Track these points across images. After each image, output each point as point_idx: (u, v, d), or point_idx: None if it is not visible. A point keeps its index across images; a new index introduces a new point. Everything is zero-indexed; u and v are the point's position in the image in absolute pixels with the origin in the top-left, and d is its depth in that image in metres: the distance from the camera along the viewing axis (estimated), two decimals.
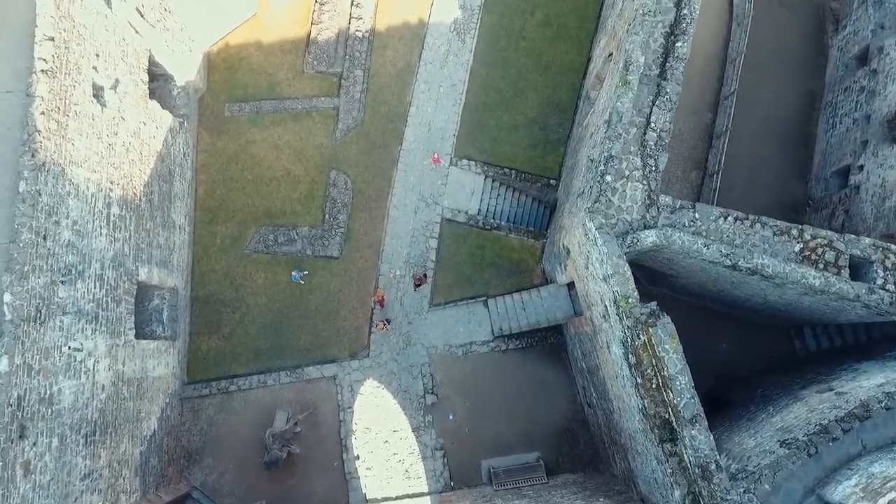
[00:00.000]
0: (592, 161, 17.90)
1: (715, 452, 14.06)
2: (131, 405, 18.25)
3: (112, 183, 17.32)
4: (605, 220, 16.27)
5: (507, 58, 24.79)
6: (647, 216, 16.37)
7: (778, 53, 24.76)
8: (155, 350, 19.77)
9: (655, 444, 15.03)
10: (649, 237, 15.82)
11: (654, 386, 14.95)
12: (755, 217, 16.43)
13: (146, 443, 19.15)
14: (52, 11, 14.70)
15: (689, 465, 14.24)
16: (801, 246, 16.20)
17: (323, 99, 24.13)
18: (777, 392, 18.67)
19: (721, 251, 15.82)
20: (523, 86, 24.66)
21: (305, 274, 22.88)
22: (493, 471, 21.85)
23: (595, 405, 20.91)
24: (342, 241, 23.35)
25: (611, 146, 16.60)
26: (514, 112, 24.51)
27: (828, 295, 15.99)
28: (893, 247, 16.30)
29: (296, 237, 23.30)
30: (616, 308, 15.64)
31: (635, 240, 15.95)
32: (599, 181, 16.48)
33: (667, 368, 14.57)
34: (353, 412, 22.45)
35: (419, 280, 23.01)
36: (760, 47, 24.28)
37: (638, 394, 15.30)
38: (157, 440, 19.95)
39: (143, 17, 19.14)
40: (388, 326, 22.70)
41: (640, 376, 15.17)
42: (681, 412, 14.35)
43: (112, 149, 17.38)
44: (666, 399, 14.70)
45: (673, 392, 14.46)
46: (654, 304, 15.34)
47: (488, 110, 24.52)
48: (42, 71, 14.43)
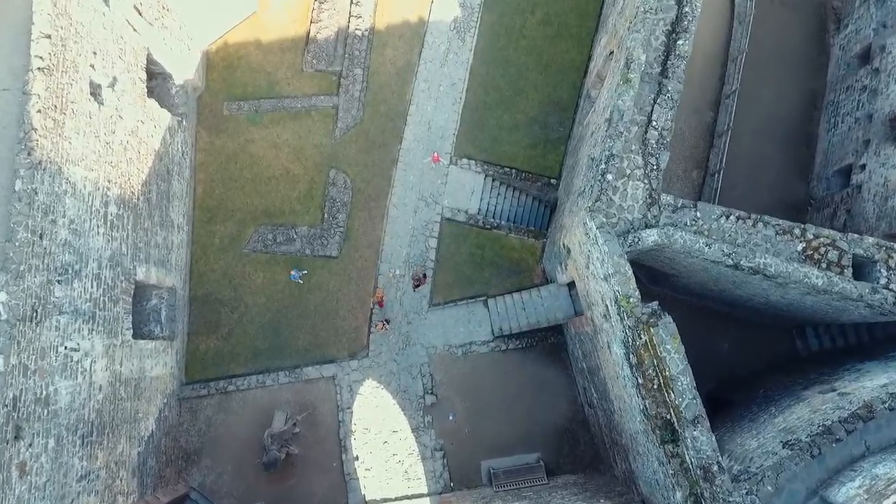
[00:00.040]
0: (593, 160, 17.79)
1: (717, 454, 13.95)
2: (129, 406, 18.15)
3: (109, 181, 17.22)
4: (606, 218, 16.15)
5: (508, 56, 24.68)
6: (649, 215, 16.25)
7: (779, 52, 24.65)
8: (153, 350, 19.66)
9: (657, 445, 14.91)
10: (650, 236, 15.70)
11: (656, 386, 14.85)
12: (757, 216, 16.31)
13: (144, 443, 19.03)
14: (48, 9, 14.60)
15: (690, 466, 14.13)
16: (804, 245, 16.08)
17: (322, 98, 24.02)
18: (779, 392, 18.55)
19: (723, 250, 15.70)
20: (524, 84, 24.54)
21: (304, 273, 22.77)
22: (493, 472, 21.76)
23: (596, 406, 20.80)
24: (341, 240, 23.25)
25: (612, 144, 16.48)
26: (515, 111, 24.40)
27: (831, 295, 15.88)
28: None
29: (295, 236, 23.20)
30: (617, 308, 15.53)
31: (636, 239, 15.83)
32: (600, 180, 16.36)
33: (668, 369, 14.47)
34: (352, 413, 22.34)
35: (418, 280, 22.90)
36: (762, 46, 24.17)
37: (639, 394, 15.19)
38: (155, 441, 19.84)
39: (141, 15, 19.04)
40: (387, 326, 22.59)
41: (642, 377, 15.06)
42: (682, 413, 14.24)
43: (110, 147, 17.28)
44: (667, 400, 14.60)
45: (674, 393, 14.36)
46: (655, 304, 15.22)
47: (488, 109, 24.41)
48: (39, 69, 14.34)
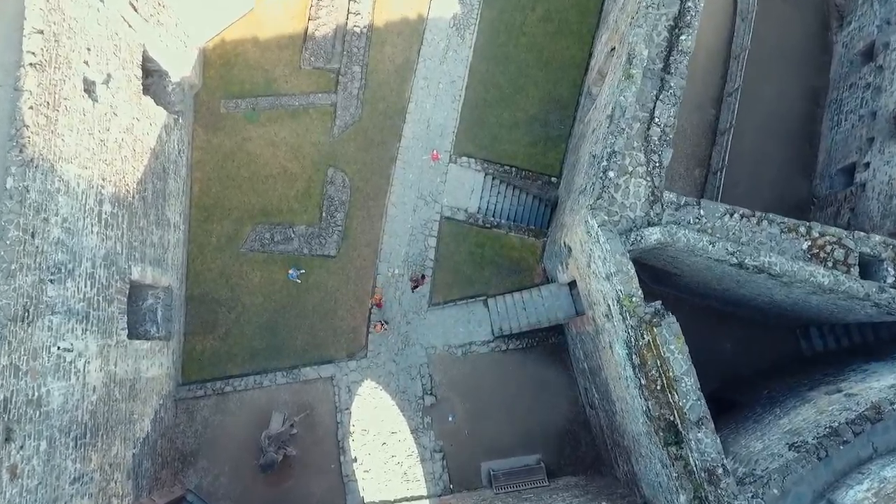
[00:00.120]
0: (595, 157, 17.55)
1: (722, 456, 13.72)
2: (124, 407, 17.92)
3: (104, 180, 16.99)
4: (607, 216, 15.90)
5: (508, 53, 24.44)
6: (651, 213, 16.00)
7: (781, 50, 24.41)
8: (148, 350, 19.42)
9: (660, 446, 14.67)
10: (653, 234, 15.45)
11: (659, 387, 14.62)
12: (762, 214, 16.04)
13: (139, 445, 18.80)
14: (41, 4, 14.42)
15: (694, 468, 13.89)
16: (810, 244, 15.83)
17: (320, 95, 23.78)
18: (784, 393, 18.31)
19: (727, 249, 15.46)
20: (524, 82, 24.31)
21: (302, 273, 22.52)
22: (493, 473, 21.55)
23: (597, 407, 20.58)
24: (339, 239, 23.01)
25: (614, 141, 16.23)
26: (515, 108, 24.16)
27: (837, 294, 15.63)
28: None
29: (292, 235, 22.97)
30: (619, 307, 15.29)
31: (639, 237, 15.59)
32: (602, 177, 16.11)
33: (672, 369, 14.24)
34: (350, 414, 22.11)
35: (416, 281, 22.67)
36: (764, 43, 23.94)
37: (642, 395, 14.95)
38: (151, 442, 19.61)
39: (136, 11, 18.82)
40: (385, 327, 22.35)
41: (645, 377, 14.82)
42: (686, 414, 14.01)
43: (104, 145, 17.06)
44: (671, 401, 14.36)
45: (678, 394, 14.12)
46: (658, 304, 14.98)
47: (488, 107, 24.17)
48: (31, 64, 14.15)
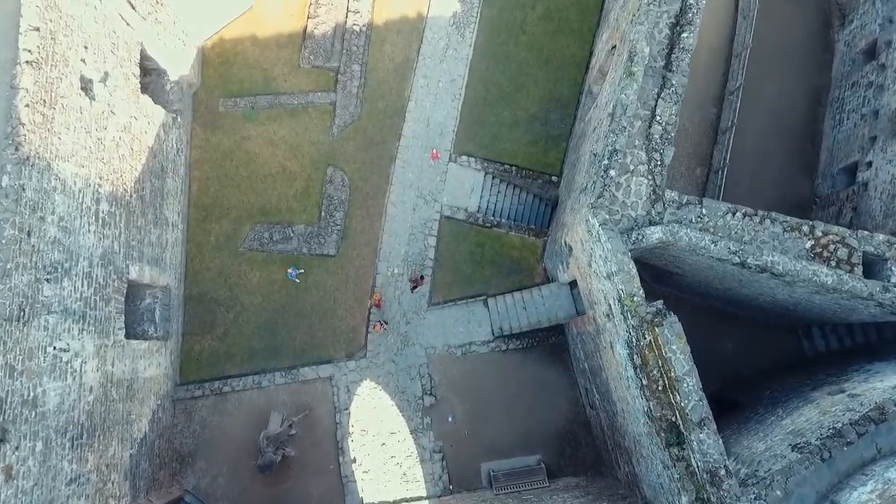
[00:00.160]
0: (595, 155, 17.42)
1: (724, 457, 13.59)
2: (121, 407, 17.79)
3: (101, 178, 16.86)
4: (608, 215, 15.77)
5: (508, 52, 24.32)
6: (653, 212, 15.88)
7: (783, 48, 24.29)
8: (146, 350, 19.29)
9: (661, 447, 14.55)
10: (655, 233, 15.32)
11: (661, 388, 14.49)
12: (764, 213, 15.92)
13: (136, 446, 18.67)
14: (37, 1, 14.32)
15: (696, 470, 13.76)
16: (813, 243, 15.70)
17: (319, 94, 23.67)
18: (786, 394, 18.19)
19: (729, 248, 15.33)
20: (524, 81, 24.19)
21: (301, 272, 22.40)
22: (493, 474, 21.44)
23: (598, 407, 20.45)
24: (339, 238, 22.89)
25: (615, 140, 16.10)
26: (515, 107, 24.04)
27: (840, 293, 15.51)
28: None
29: (291, 235, 22.84)
30: (620, 307, 15.17)
31: (640, 236, 15.46)
32: (603, 176, 15.99)
33: (673, 370, 14.12)
34: (349, 414, 21.98)
35: (415, 282, 22.56)
36: (766, 41, 23.82)
37: (643, 396, 14.82)
38: (148, 443, 19.48)
39: (134, 9, 18.70)
40: (384, 327, 22.23)
41: (646, 378, 14.70)
42: (688, 415, 13.89)
43: (101, 143, 16.94)
44: (672, 401, 14.24)
45: (680, 394, 14.00)
46: (660, 303, 14.86)
47: (488, 105, 24.05)
48: (27, 62, 14.04)
